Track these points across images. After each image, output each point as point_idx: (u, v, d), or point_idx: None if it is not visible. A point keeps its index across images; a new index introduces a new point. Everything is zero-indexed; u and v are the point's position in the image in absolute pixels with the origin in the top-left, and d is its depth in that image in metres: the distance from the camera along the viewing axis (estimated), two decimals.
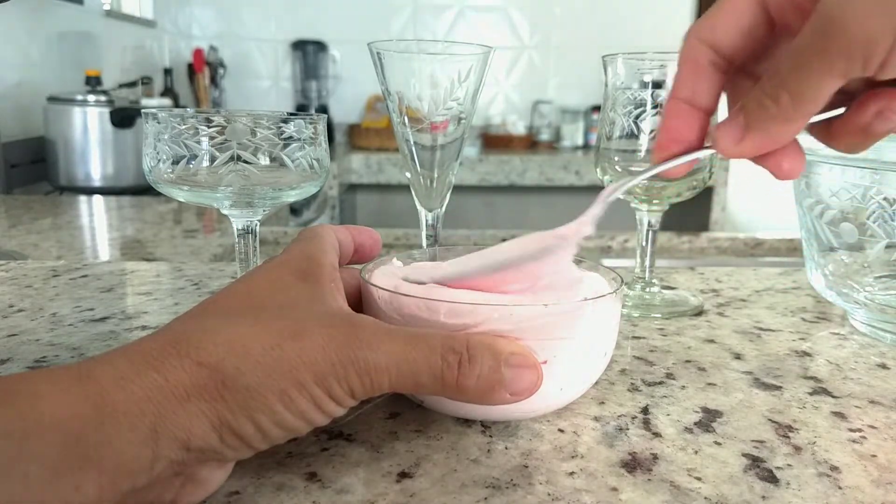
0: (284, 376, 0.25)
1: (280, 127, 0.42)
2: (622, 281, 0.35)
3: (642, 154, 0.52)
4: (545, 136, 2.79)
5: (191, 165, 0.41)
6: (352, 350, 0.26)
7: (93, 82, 1.57)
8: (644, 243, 0.56)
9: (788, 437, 0.33)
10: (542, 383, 0.29)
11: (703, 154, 0.31)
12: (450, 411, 0.33)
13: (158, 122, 0.41)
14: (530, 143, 2.76)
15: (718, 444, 0.32)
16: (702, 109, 0.31)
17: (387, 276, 0.35)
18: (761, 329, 0.50)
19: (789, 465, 0.31)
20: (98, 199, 1.33)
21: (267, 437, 0.26)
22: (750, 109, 0.28)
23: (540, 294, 0.33)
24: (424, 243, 0.51)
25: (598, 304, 0.32)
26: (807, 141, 0.48)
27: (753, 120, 0.28)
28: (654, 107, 0.51)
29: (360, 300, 0.34)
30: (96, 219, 1.17)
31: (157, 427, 0.23)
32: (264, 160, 0.42)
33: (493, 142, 2.71)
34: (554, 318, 0.30)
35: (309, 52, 2.69)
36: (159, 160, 0.42)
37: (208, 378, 0.24)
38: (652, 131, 0.51)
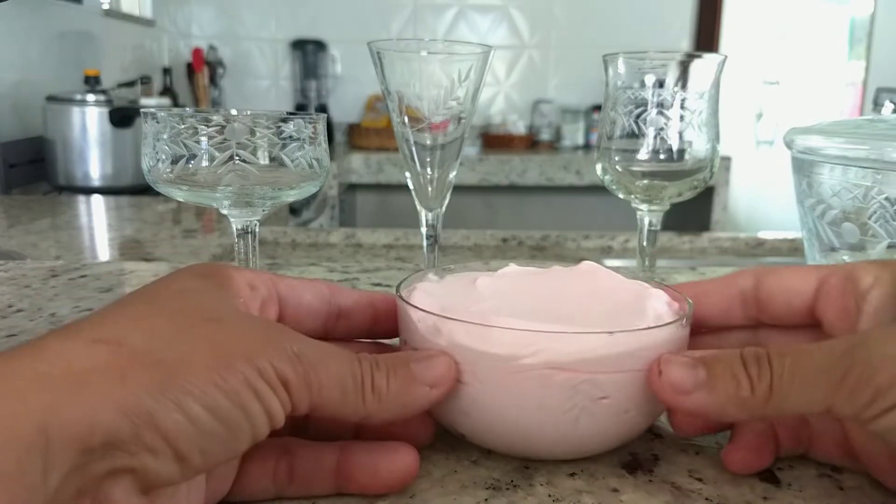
0: (207, 352, 0.22)
1: (279, 126, 0.42)
2: (689, 303, 0.31)
3: (642, 153, 0.52)
4: (545, 135, 2.79)
5: (190, 165, 0.41)
6: (276, 339, 0.24)
7: (92, 82, 1.56)
8: (645, 243, 0.55)
9: None
10: (455, 368, 0.28)
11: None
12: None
13: (157, 122, 0.41)
14: (530, 142, 2.76)
15: (720, 444, 0.32)
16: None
17: (428, 296, 0.31)
18: None
19: (790, 465, 0.30)
20: (97, 199, 1.33)
21: (201, 433, 0.21)
22: (717, 374, 0.26)
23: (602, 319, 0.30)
24: (424, 243, 0.51)
25: (665, 331, 0.28)
26: (807, 141, 0.48)
27: (717, 387, 0.26)
28: (656, 106, 0.50)
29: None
30: (95, 219, 1.17)
31: (48, 423, 0.18)
32: (263, 160, 0.42)
33: (494, 141, 2.71)
34: (619, 348, 0.27)
35: (308, 52, 2.69)
36: (158, 160, 0.42)
37: (110, 354, 0.21)
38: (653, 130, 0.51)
